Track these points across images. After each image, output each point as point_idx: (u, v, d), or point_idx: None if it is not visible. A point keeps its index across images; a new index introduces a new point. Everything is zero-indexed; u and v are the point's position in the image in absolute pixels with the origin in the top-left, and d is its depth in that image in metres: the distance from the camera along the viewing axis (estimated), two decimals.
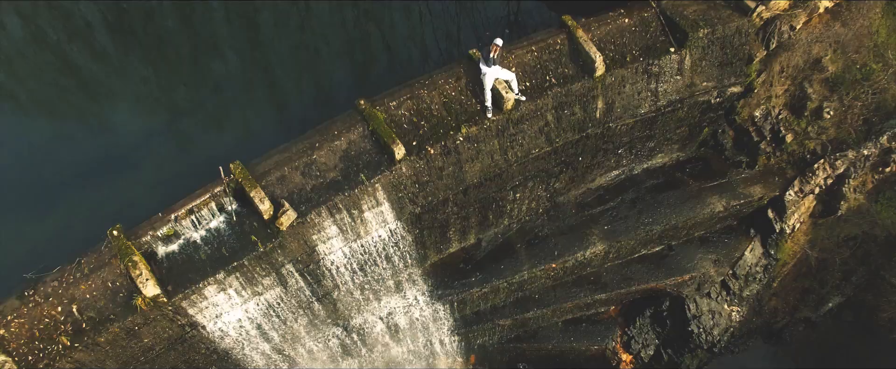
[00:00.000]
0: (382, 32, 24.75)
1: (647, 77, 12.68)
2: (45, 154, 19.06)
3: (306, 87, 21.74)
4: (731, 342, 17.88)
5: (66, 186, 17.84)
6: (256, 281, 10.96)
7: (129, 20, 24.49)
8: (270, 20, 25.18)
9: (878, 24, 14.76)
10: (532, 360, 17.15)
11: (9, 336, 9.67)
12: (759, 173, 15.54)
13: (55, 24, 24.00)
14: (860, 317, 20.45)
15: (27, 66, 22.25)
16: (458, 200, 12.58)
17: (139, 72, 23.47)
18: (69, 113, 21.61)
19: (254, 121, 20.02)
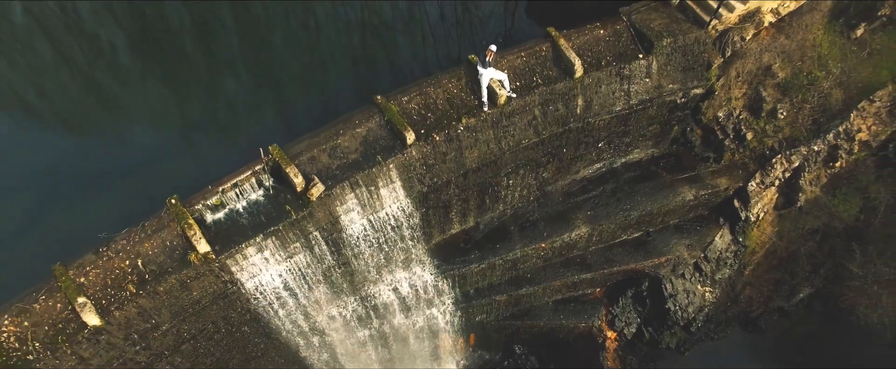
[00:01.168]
0: (387, 53, 27.44)
1: (619, 79, 15.07)
2: (67, 164, 21.33)
3: (314, 105, 24.16)
4: (708, 324, 19.84)
5: (81, 193, 20.04)
6: (288, 246, 13.08)
7: (149, 42, 27.15)
8: (281, 41, 27.88)
9: (820, 39, 17.28)
10: (526, 338, 19.06)
11: (87, 283, 11.75)
12: (724, 167, 17.81)
13: (82, 46, 26.67)
14: (829, 307, 22.45)
15: (53, 85, 24.75)
16: (459, 183, 14.80)
17: (157, 90, 25.97)
18: (90, 128, 23.97)
19: (263, 135, 22.45)
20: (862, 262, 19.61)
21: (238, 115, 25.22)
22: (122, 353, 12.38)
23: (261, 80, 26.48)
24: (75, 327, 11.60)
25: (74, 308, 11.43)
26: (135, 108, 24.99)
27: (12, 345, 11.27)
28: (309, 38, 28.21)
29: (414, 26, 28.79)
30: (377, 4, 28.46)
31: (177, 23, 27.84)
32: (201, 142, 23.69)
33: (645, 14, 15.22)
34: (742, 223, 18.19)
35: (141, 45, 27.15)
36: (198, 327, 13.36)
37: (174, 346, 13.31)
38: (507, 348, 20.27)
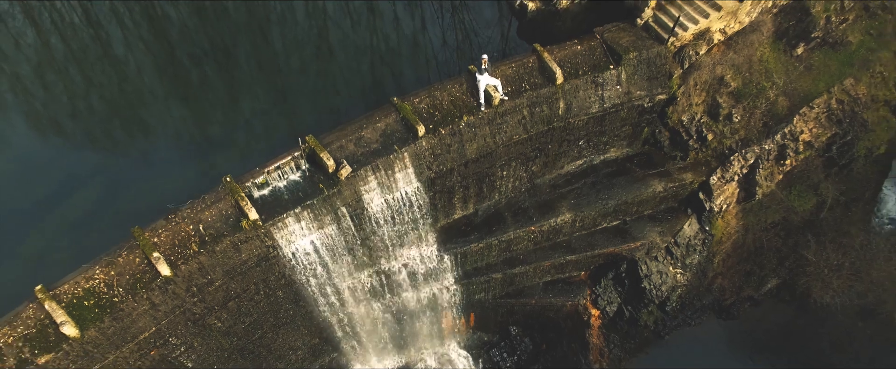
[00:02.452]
0: (394, 78, 30.99)
1: (594, 86, 18.34)
2: (88, 178, 24.41)
3: (325, 124, 27.54)
4: (682, 306, 22.57)
5: (97, 201, 22.99)
6: (320, 218, 16.05)
7: (174, 67, 30.74)
8: (297, 66, 31.50)
9: (767, 55, 20.69)
10: (520, 318, 21.75)
11: (160, 242, 14.68)
12: (690, 164, 20.92)
13: (111, 70, 30.23)
14: (794, 297, 25.22)
15: (84, 107, 28.15)
16: (460, 171, 17.88)
17: (179, 111, 29.41)
18: (115, 145, 27.30)
19: (276, 152, 25.81)
20: (815, 250, 22.54)
21: (254, 135, 28.59)
22: (182, 303, 15.22)
23: (276, 102, 29.97)
24: (150, 276, 14.48)
25: (150, 261, 14.34)
26: (158, 128, 28.32)
27: (101, 289, 14.13)
28: (321, 63, 31.91)
29: (418, 51, 32.57)
30: (385, 32, 32.25)
31: (200, 49, 31.50)
32: (218, 159, 26.92)
33: (615, 33, 18.63)
34: (707, 213, 21.19)
35: (166, 68, 30.77)
36: (242, 286, 16.21)
37: (223, 302, 16.15)
38: (504, 330, 22.95)
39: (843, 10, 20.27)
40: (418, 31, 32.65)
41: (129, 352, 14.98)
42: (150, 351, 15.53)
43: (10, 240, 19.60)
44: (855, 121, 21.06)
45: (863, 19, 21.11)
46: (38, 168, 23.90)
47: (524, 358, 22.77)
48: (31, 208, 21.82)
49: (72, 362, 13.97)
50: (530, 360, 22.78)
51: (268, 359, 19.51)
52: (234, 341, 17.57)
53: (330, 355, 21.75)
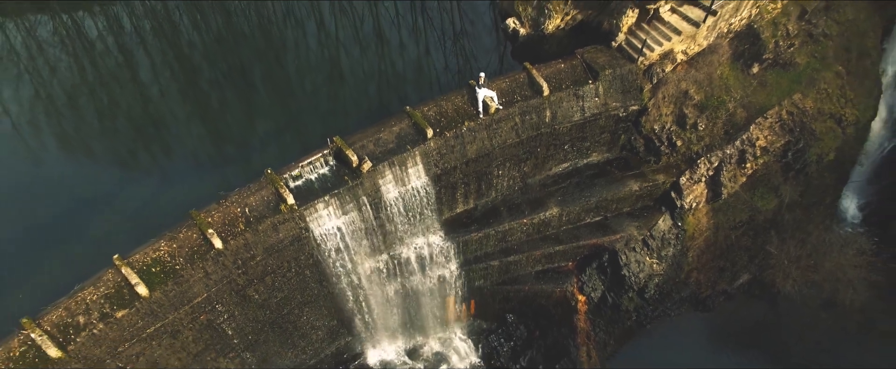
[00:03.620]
0: (400, 100, 34.67)
1: (576, 98, 21.97)
2: (108, 192, 27.71)
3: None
4: (660, 294, 25.65)
5: (127, 212, 26.22)
6: (345, 205, 19.39)
7: (195, 91, 34.51)
8: (310, 90, 35.25)
9: (726, 72, 24.46)
10: (515, 305, 24.84)
11: (212, 221, 17.99)
12: (662, 167, 24.38)
13: (135, 94, 33.95)
14: (765, 291, 28.32)
15: (109, 127, 31.68)
16: (462, 169, 21.32)
17: (198, 131, 32.96)
18: (137, 164, 30.67)
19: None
20: (777, 245, 25.80)
21: (267, 153, 32.07)
22: (229, 273, 18.44)
23: (289, 123, 33.56)
24: (205, 249, 17.75)
25: (206, 236, 17.65)
26: (177, 148, 31.81)
27: (166, 259, 17.38)
28: (332, 86, 35.68)
29: (422, 76, 36.42)
30: (392, 58, 36.14)
31: (220, 74, 35.33)
32: (233, 176, 30.36)
33: (593, 53, 22.39)
34: (679, 210, 24.56)
35: (188, 92, 34.52)
36: (278, 263, 19.44)
37: (261, 276, 19.36)
38: (501, 318, 25.99)
39: (788, 36, 24.14)
40: (422, 57, 36.55)
41: (184, 314, 18.14)
42: (200, 315, 18.69)
43: (69, 234, 22.85)
44: (804, 130, 24.67)
45: (808, 44, 24.98)
46: (63, 182, 27.09)
47: (519, 343, 25.76)
48: (66, 213, 25.08)
49: (140, 318, 17.13)
50: (525, 346, 25.76)
51: (293, 336, 22.56)
52: (267, 314, 20.69)
53: (345, 339, 24.77)
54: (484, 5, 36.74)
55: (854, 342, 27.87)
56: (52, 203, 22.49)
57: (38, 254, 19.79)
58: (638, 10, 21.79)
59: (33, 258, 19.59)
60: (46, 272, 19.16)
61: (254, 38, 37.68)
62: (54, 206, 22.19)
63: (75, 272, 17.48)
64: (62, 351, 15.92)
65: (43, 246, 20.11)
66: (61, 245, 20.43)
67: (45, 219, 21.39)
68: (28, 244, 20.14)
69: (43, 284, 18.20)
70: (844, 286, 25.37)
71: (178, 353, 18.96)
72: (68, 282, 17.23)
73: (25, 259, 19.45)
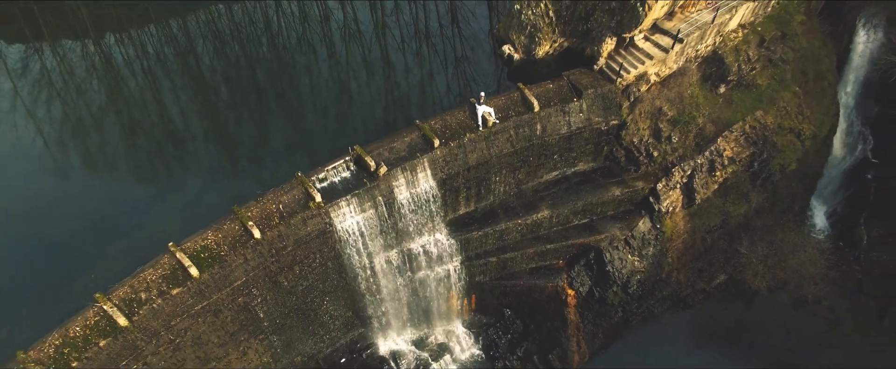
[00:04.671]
0: (405, 120, 38.40)
1: (563, 114, 25.81)
2: (130, 205, 31.21)
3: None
4: (643, 291, 29.02)
5: (134, 224, 29.61)
6: (363, 204, 22.97)
7: (211, 111, 38.40)
8: (320, 110, 39.08)
9: (696, 92, 28.41)
10: (511, 299, 28.19)
11: (252, 215, 21.55)
12: (641, 175, 28.09)
13: (155, 114, 37.84)
14: (740, 290, 31.71)
15: (130, 145, 35.38)
16: (464, 174, 24.99)
17: (214, 150, 36.71)
18: (155, 180, 34.24)
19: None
20: (747, 245, 29.33)
21: (279, 169, 35.75)
22: (264, 260, 21.91)
23: (300, 141, 37.32)
24: (245, 238, 21.27)
25: (246, 227, 21.20)
26: (193, 166, 35.50)
27: (212, 247, 20.89)
28: (341, 107, 39.58)
29: (425, 98, 40.35)
30: (397, 80, 40.12)
31: (236, 95, 39.25)
32: (246, 192, 33.99)
33: (577, 75, 26.35)
34: (657, 213, 28.17)
35: (205, 112, 38.38)
36: (304, 254, 22.94)
37: (290, 264, 22.83)
38: (499, 312, 29.31)
39: (750, 61, 28.20)
40: (426, 80, 40.51)
41: (225, 296, 21.56)
42: (238, 297, 22.10)
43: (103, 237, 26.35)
44: (767, 143, 28.51)
45: (768, 68, 29.04)
46: (121, 186, 30.70)
47: (516, 336, 29.02)
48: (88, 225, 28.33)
49: (191, 296, 20.56)
50: (521, 338, 29.01)
51: (313, 324, 25.88)
52: (293, 301, 24.08)
53: (358, 330, 28.03)
54: (483, 33, 40.91)
55: (821, 339, 31.21)
56: (114, 203, 26.19)
57: (105, 243, 23.24)
58: (615, 38, 25.87)
59: (100, 247, 23.07)
60: (112, 257, 22.58)
61: (268, 61, 41.73)
62: (116, 205, 25.86)
63: (136, 257, 21.01)
64: (128, 321, 19.30)
65: (108, 237, 23.59)
66: (123, 236, 23.91)
67: (110, 216, 24.97)
68: (96, 236, 23.64)
69: (110, 267, 21.60)
70: (807, 281, 28.85)
71: (217, 331, 22.31)
72: (131, 266, 20.72)
73: (94, 247, 22.95)
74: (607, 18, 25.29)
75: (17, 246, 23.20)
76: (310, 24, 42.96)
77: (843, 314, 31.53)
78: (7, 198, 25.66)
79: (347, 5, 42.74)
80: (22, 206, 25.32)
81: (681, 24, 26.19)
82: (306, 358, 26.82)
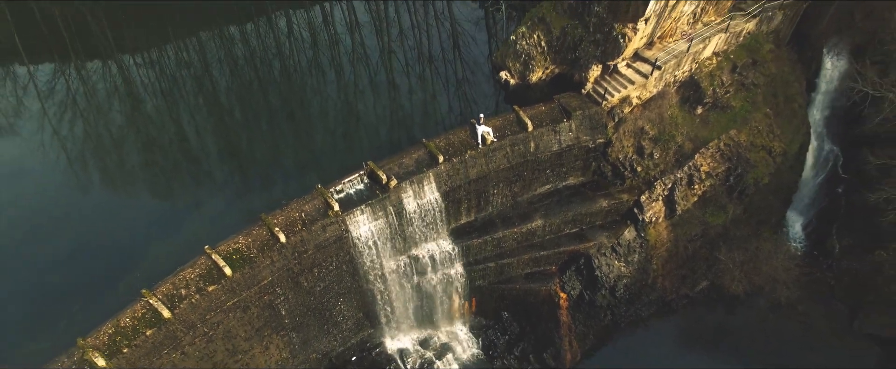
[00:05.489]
0: (409, 139, 41.74)
1: (554, 133, 29.24)
2: (164, 214, 34.31)
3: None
4: (629, 295, 32.11)
5: (169, 231, 32.85)
6: (375, 213, 26.23)
7: (226, 129, 41.84)
8: (329, 130, 42.54)
9: (675, 113, 31.91)
10: (508, 302, 31.28)
11: (278, 223, 24.80)
12: (626, 188, 31.42)
13: (172, 134, 41.31)
14: (721, 296, 34.78)
15: (147, 163, 38.74)
16: (465, 187, 28.30)
17: (227, 168, 40.00)
18: (171, 196, 37.50)
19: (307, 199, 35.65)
20: (725, 252, 32.53)
21: (289, 186, 39.01)
22: (288, 263, 25.10)
23: (309, 158, 40.67)
24: (272, 242, 24.49)
25: (273, 233, 24.44)
26: (206, 183, 38.76)
27: (243, 249, 24.10)
28: (349, 126, 43.03)
29: (428, 119, 43.80)
30: (401, 102, 43.61)
31: (249, 115, 42.71)
32: (259, 205, 37.20)
33: (567, 98, 29.86)
34: (641, 223, 31.43)
35: (219, 130, 41.83)
36: (323, 257, 26.12)
37: (310, 267, 25.99)
38: (498, 315, 32.37)
39: (723, 85, 31.77)
40: (429, 101, 44.00)
41: (253, 294, 24.70)
42: (263, 295, 25.24)
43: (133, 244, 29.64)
44: (741, 159, 31.91)
45: (741, 91, 32.61)
46: (158, 198, 33.89)
47: (513, 336, 32.06)
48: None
49: (224, 293, 23.71)
50: (517, 339, 32.04)
51: (328, 323, 28.94)
52: (311, 300, 27.20)
53: (368, 330, 31.07)
54: (482, 57, 44.56)
55: (798, 341, 34.20)
56: (150, 213, 29.62)
57: (146, 247, 26.39)
58: (601, 65, 29.47)
59: (142, 251, 26.23)
60: (153, 260, 25.70)
61: (279, 82, 45.30)
62: (152, 215, 29.25)
63: (173, 259, 24.24)
64: (171, 313, 22.44)
65: (148, 242, 26.77)
66: (160, 241, 27.05)
67: (147, 224, 28.23)
68: (137, 241, 26.81)
69: (151, 268, 24.72)
70: (780, 285, 32.00)
71: (245, 326, 25.40)
72: (169, 267, 23.93)
73: (136, 251, 26.12)
74: (593, 48, 28.95)
75: (69, 251, 26.43)
76: (319, 48, 46.51)
77: (818, 318, 34.59)
78: (55, 209, 28.97)
79: (355, 31, 46.35)
80: (70, 216, 28.63)
81: (659, 53, 29.83)
82: (321, 355, 29.84)
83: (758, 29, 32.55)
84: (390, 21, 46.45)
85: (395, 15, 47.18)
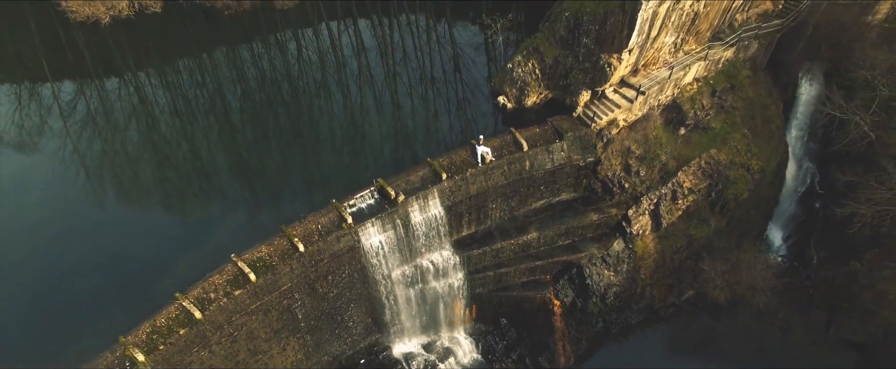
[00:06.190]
0: (412, 157, 44.94)
1: (547, 152, 32.45)
2: (190, 227, 37.32)
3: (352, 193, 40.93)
4: (619, 303, 35.06)
5: (195, 241, 35.89)
6: (385, 225, 29.34)
7: (237, 150, 45.05)
8: (336, 149, 45.73)
9: (660, 133, 35.19)
10: (506, 309, 34.25)
11: (298, 233, 27.89)
12: (615, 203, 34.56)
13: (186, 152, 44.55)
14: (706, 304, 37.72)
15: (160, 179, 41.91)
16: (466, 202, 31.44)
17: (238, 184, 43.14)
18: (184, 210, 40.54)
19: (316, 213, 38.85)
20: (708, 262, 35.56)
21: (297, 202, 42.11)
22: (305, 270, 28.15)
23: (317, 175, 43.79)
24: (291, 251, 27.56)
25: (293, 242, 27.53)
26: (224, 199, 41.81)
27: (266, 257, 27.17)
28: (355, 144, 46.24)
29: (430, 137, 47.02)
30: (404, 121, 46.85)
31: (259, 136, 45.90)
32: (259, 224, 40.23)
33: (559, 121, 33.15)
34: (629, 235, 34.52)
35: (230, 148, 45.03)
36: (337, 265, 29.18)
37: (325, 274, 29.04)
38: (496, 321, 35.32)
39: (704, 108, 35.10)
40: (431, 120, 47.26)
41: (274, 298, 27.71)
42: (283, 300, 28.26)
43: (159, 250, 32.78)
44: (721, 176, 35.10)
45: (721, 114, 35.94)
46: (184, 213, 36.91)
47: (510, 342, 34.98)
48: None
49: (248, 297, 26.72)
50: (515, 343, 34.96)
51: (339, 327, 31.89)
52: (325, 305, 30.19)
53: (375, 335, 33.99)
54: (482, 79, 47.90)
55: (779, 346, 37.07)
56: (180, 224, 32.93)
57: (176, 256, 29.46)
58: (590, 91, 32.83)
59: (172, 259, 29.30)
60: (182, 267, 28.72)
61: (288, 104, 48.60)
62: (182, 226, 32.56)
63: (201, 267, 27.31)
64: (202, 314, 25.46)
65: (177, 251, 29.90)
66: (192, 249, 30.06)
67: (176, 236, 31.50)
68: (167, 251, 29.96)
69: (181, 275, 27.77)
70: (759, 293, 35.01)
71: (265, 328, 28.38)
72: (196, 274, 26.99)
73: (167, 260, 29.24)
74: (582, 76, 32.35)
75: (106, 260, 29.51)
76: (327, 70, 49.81)
77: (798, 324, 37.54)
78: (92, 223, 32.16)
79: (362, 55, 49.78)
80: (104, 229, 31.80)
81: (643, 80, 33.21)
82: (332, 358, 32.74)
83: (735, 56, 36.00)
84: (395, 45, 49.78)
85: (400, 39, 50.53)
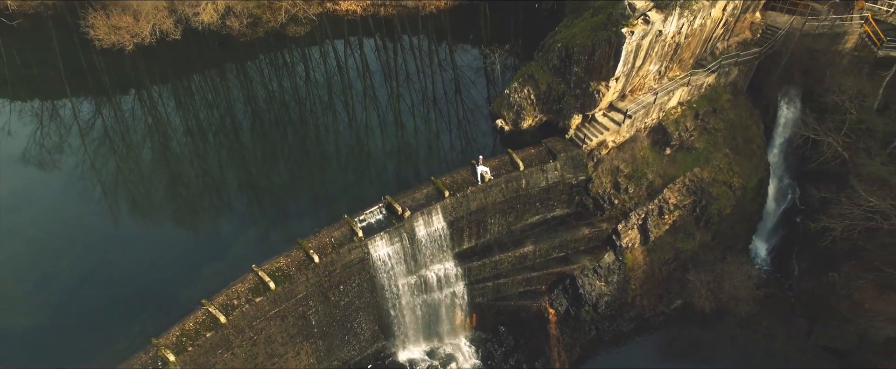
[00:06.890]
0: (415, 174, 48.15)
1: (542, 171, 35.70)
2: (209, 240, 40.43)
3: (357, 209, 44.31)
4: (611, 311, 38.06)
5: (216, 253, 39.07)
6: (392, 238, 32.46)
7: (245, 167, 48.32)
8: (341, 165, 49.00)
9: (647, 153, 38.49)
10: (505, 317, 37.30)
11: (311, 246, 31.01)
12: (605, 218, 37.73)
13: (197, 168, 47.86)
14: (694, 313, 40.71)
15: (171, 194, 45.12)
16: (467, 218, 34.62)
17: (245, 198, 46.38)
18: (194, 224, 43.79)
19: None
20: (693, 273, 38.65)
21: (304, 218, 45.27)
22: (320, 279, 31.24)
23: (324, 191, 47.00)
24: (307, 262, 30.67)
25: (309, 255, 30.65)
26: (225, 213, 45.00)
27: (284, 267, 30.28)
28: (360, 162, 49.51)
29: (431, 155, 50.29)
30: (407, 139, 50.13)
31: (268, 154, 49.17)
32: (274, 237, 43.40)
33: (553, 142, 36.45)
34: (619, 248, 37.66)
35: (239, 164, 48.27)
36: (347, 276, 32.27)
37: (337, 283, 32.13)
38: (495, 329, 38.32)
39: (688, 130, 38.47)
40: (433, 140, 50.50)
41: (290, 305, 30.77)
42: (299, 307, 31.32)
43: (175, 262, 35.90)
44: (704, 193, 38.34)
45: (704, 135, 39.30)
46: (206, 227, 40.01)
47: (508, 348, 37.95)
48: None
49: (268, 304, 29.80)
50: (512, 350, 37.93)
51: (349, 334, 34.88)
52: (336, 313, 33.23)
53: (382, 342, 36.96)
54: (481, 99, 51.30)
55: (763, 354, 40.01)
56: (197, 239, 36.22)
57: (200, 266, 32.64)
58: (581, 115, 36.23)
59: (196, 269, 32.48)
60: (205, 277, 31.86)
61: (295, 122, 51.92)
62: (199, 241, 35.85)
63: (224, 276, 30.46)
64: (226, 319, 28.52)
65: (201, 261, 33.05)
66: (211, 261, 33.21)
67: (197, 248, 34.76)
68: (191, 262, 33.16)
69: (203, 284, 30.92)
70: (741, 302, 38.07)
71: (282, 333, 31.42)
72: (220, 283, 30.11)
73: (192, 270, 32.41)
74: (574, 101, 35.77)
75: (136, 269, 32.69)
76: (334, 91, 53.18)
77: (781, 333, 40.51)
78: (118, 236, 35.40)
79: (367, 76, 53.19)
80: (132, 241, 35.02)
81: (630, 104, 36.60)
82: (341, 363, 35.70)
83: (717, 82, 39.46)
84: (398, 67, 53.21)
85: (403, 62, 53.99)
